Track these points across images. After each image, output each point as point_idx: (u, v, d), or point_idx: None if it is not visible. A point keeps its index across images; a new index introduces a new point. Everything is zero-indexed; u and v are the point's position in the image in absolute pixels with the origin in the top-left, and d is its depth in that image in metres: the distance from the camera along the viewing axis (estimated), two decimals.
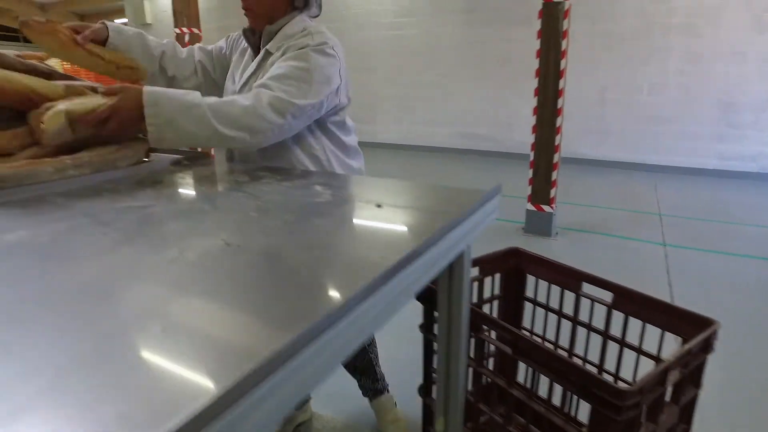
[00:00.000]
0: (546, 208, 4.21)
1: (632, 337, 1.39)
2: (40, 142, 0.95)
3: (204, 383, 0.39)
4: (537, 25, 3.95)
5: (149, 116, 1.09)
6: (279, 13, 1.44)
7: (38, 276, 0.61)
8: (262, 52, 1.46)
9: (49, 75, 1.24)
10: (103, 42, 1.41)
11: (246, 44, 1.56)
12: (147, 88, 1.11)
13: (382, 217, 0.87)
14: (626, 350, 1.43)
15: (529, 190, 4.32)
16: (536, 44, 3.98)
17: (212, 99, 1.18)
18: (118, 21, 10.56)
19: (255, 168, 1.26)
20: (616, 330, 1.43)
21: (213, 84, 1.71)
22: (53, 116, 0.97)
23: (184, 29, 5.59)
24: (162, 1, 11.62)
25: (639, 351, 1.39)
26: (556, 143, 4.09)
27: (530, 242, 4.05)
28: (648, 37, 6.71)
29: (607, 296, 1.44)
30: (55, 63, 1.79)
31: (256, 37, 1.51)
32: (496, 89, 8.04)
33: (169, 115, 1.11)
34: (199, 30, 5.71)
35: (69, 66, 2.20)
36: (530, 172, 4.27)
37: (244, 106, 1.19)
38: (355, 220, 0.89)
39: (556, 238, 4.19)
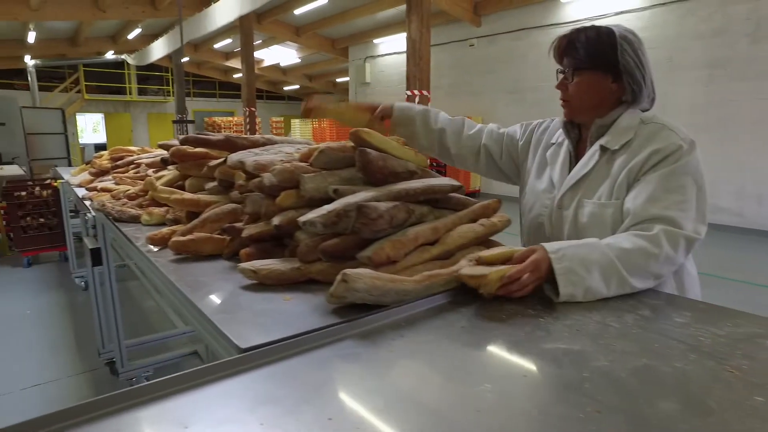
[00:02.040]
0: None
1: None
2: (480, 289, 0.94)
3: None
4: None
5: (566, 284, 0.97)
6: (604, 109, 1.28)
7: None
8: (593, 148, 1.28)
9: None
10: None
11: (561, 138, 1.40)
12: (552, 254, 0.99)
13: None
14: None
15: None
16: None
17: (616, 247, 1.03)
18: (340, 80, 11.93)
19: None
20: None
21: (496, 169, 1.61)
22: (496, 279, 0.93)
23: (415, 91, 5.91)
24: (381, 62, 12.85)
25: None
26: None
27: None
28: None
29: None
30: None
31: (577, 131, 1.37)
32: (743, 155, 6.85)
33: (585, 284, 0.98)
34: (428, 92, 6.00)
35: None
36: None
37: (655, 255, 1.04)
38: None
39: None
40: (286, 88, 20.38)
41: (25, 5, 9.36)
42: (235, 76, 18.54)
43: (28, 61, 12.67)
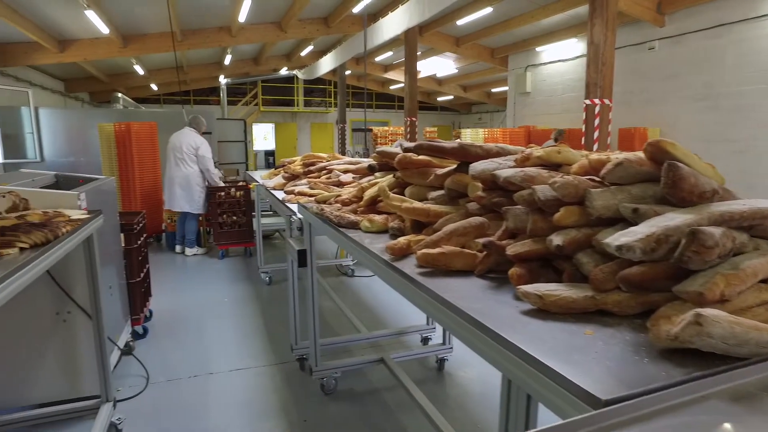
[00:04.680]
0: None
1: None
2: None
3: None
4: None
5: None
6: None
7: None
8: None
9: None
10: None
11: None
12: None
13: None
14: None
15: None
16: None
17: None
18: (495, 90, 11.53)
19: None
20: None
21: None
22: None
23: (596, 100, 5.44)
24: (543, 71, 12.27)
25: None
26: None
27: None
28: None
29: None
30: None
31: None
32: None
33: None
34: (611, 100, 5.49)
35: None
36: None
37: None
38: None
39: None
40: (439, 99, 20.60)
41: (227, 33, 10.80)
42: (392, 87, 19.25)
43: (222, 79, 14.59)
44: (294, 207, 2.77)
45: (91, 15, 7.41)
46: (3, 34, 8.12)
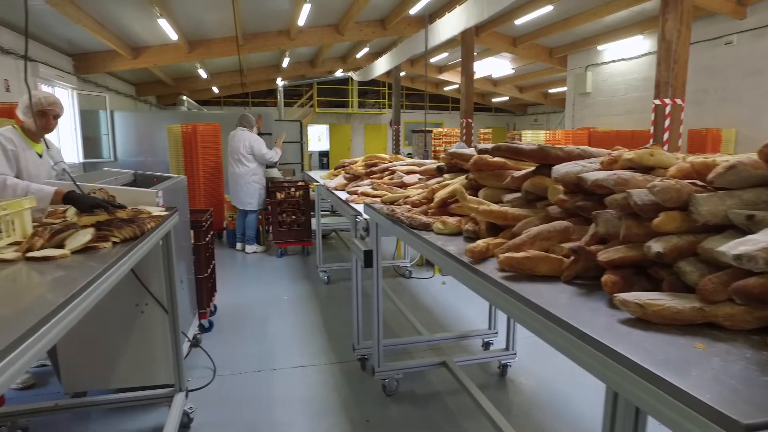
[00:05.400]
0: None
1: None
2: None
3: None
4: None
5: None
6: None
7: None
8: None
9: None
10: None
11: None
12: None
13: None
14: None
15: None
16: None
17: None
18: (553, 90, 11.14)
19: None
20: None
21: None
22: None
23: (666, 100, 5.17)
24: (604, 70, 11.80)
25: None
26: None
27: None
28: None
29: None
30: None
31: None
32: None
33: None
34: (683, 100, 5.19)
35: None
36: None
37: None
38: None
39: None
40: (494, 100, 20.25)
41: (286, 36, 11.09)
42: (446, 89, 19.11)
43: (279, 82, 15.00)
44: (359, 207, 2.79)
45: (163, 23, 7.80)
46: (88, 44, 8.72)
